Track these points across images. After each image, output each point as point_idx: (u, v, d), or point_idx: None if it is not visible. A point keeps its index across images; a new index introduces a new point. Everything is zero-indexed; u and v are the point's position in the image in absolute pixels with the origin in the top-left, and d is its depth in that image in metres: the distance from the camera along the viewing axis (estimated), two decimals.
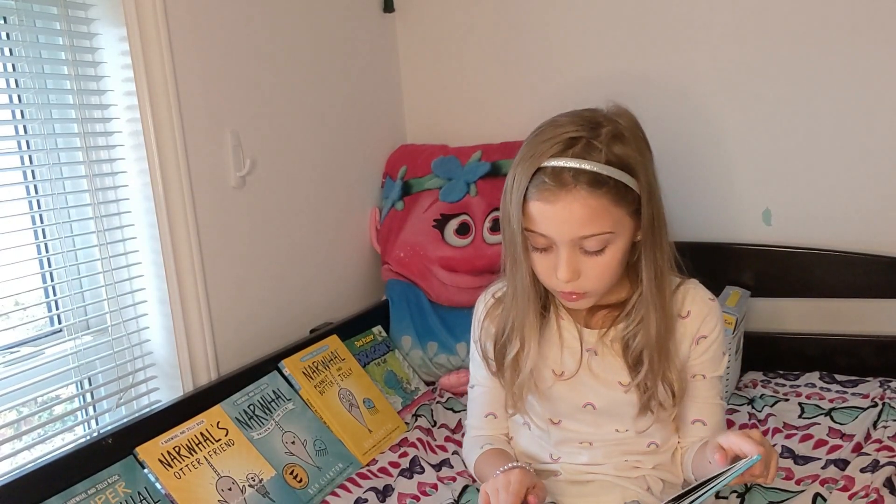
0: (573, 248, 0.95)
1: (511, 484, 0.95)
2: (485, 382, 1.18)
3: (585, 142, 0.93)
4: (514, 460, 1.11)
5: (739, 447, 0.88)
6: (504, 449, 1.16)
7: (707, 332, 1.06)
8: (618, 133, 0.95)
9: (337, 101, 1.85)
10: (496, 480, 0.97)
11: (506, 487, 0.95)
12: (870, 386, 1.56)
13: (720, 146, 1.78)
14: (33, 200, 1.26)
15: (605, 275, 0.97)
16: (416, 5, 2.06)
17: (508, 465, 1.04)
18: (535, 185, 0.94)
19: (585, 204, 0.92)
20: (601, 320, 1.08)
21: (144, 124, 1.33)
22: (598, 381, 1.07)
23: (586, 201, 0.92)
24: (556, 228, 0.94)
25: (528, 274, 1.02)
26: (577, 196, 0.92)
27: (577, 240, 0.94)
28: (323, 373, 1.53)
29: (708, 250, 1.78)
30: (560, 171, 0.92)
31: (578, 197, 0.92)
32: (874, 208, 1.67)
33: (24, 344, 1.25)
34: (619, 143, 0.94)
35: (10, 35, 1.22)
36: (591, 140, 0.93)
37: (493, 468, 1.07)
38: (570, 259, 0.95)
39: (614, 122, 0.96)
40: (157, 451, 1.19)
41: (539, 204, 0.94)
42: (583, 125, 0.95)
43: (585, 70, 1.89)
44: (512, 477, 0.96)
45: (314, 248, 1.78)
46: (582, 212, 0.92)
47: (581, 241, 0.94)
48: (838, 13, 1.63)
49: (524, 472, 0.99)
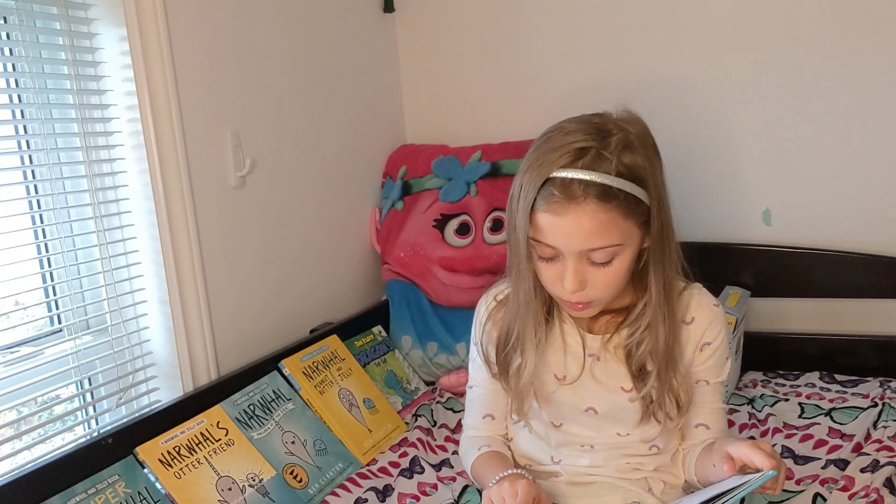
0: (580, 259, 0.94)
1: (519, 495, 0.94)
2: (484, 384, 1.17)
3: (595, 152, 0.91)
4: (512, 465, 1.10)
5: (750, 459, 0.87)
6: (502, 452, 1.15)
7: (711, 338, 1.05)
8: (628, 142, 0.93)
9: (337, 101, 1.85)
10: (501, 489, 0.96)
11: (513, 497, 0.94)
12: (870, 386, 1.56)
13: (720, 146, 1.78)
14: (33, 200, 1.26)
15: (611, 285, 0.96)
16: (416, 5, 2.06)
17: (509, 472, 1.03)
18: (544, 197, 0.92)
19: (594, 217, 0.90)
20: (604, 325, 1.07)
21: (144, 124, 1.33)
22: (601, 385, 1.07)
23: (595, 214, 0.90)
24: (563, 240, 0.93)
25: (532, 282, 1.01)
26: (587, 209, 0.90)
27: (585, 252, 0.93)
28: (323, 373, 1.53)
29: (708, 250, 1.78)
30: (569, 183, 0.91)
31: (587, 210, 0.90)
32: (874, 208, 1.67)
33: (24, 344, 1.25)
34: (629, 153, 0.92)
35: (10, 35, 1.22)
36: (601, 150, 0.91)
37: (491, 472, 1.06)
38: (577, 270, 0.94)
39: (624, 131, 0.94)
40: (157, 451, 1.19)
41: (547, 216, 0.92)
42: (592, 134, 0.93)
43: (586, 70, 1.89)
44: (520, 487, 0.95)
45: (314, 248, 1.78)
46: (591, 225, 0.91)
47: (589, 253, 0.93)
48: (838, 14, 1.63)
49: (531, 483, 0.98)
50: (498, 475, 1.03)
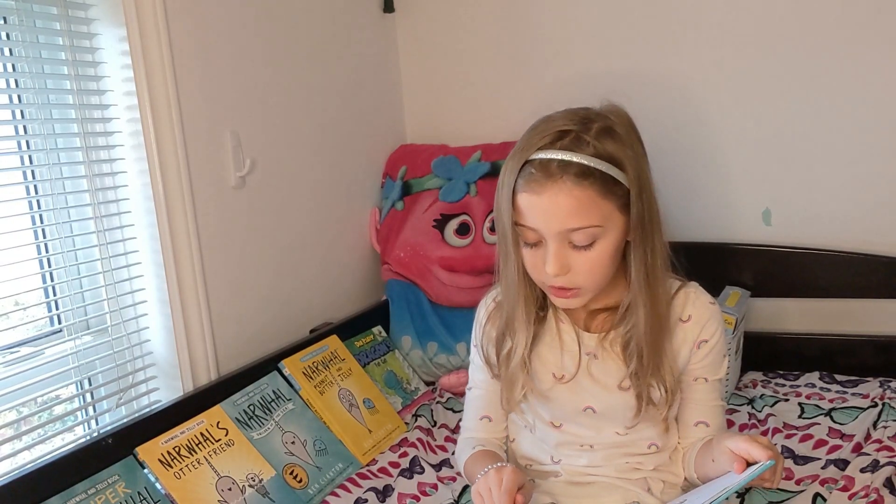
0: (562, 241, 0.95)
1: (504, 482, 0.95)
2: (483, 386, 1.17)
3: (574, 135, 0.94)
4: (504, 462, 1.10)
5: (748, 452, 0.89)
6: (495, 452, 1.15)
7: (708, 336, 1.06)
8: (608, 128, 0.96)
9: (337, 101, 1.85)
10: (488, 478, 0.97)
11: (498, 485, 0.95)
12: (870, 386, 1.56)
13: (720, 146, 1.78)
14: (33, 200, 1.26)
15: (594, 270, 0.97)
16: (416, 5, 2.06)
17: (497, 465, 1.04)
18: (524, 177, 0.95)
19: (571, 195, 0.92)
20: (601, 324, 1.08)
21: (144, 124, 1.33)
22: (598, 384, 1.07)
23: (572, 192, 0.92)
24: (543, 220, 0.94)
25: (517, 268, 1.02)
26: (563, 187, 0.92)
27: (564, 232, 0.94)
28: (323, 373, 1.53)
29: (708, 250, 1.78)
30: (547, 163, 0.93)
31: (564, 188, 0.92)
32: (874, 208, 1.67)
33: (24, 344, 1.25)
34: (609, 138, 0.95)
35: (10, 35, 1.22)
36: (581, 134, 0.94)
37: (480, 467, 1.07)
38: (559, 252, 0.95)
39: (606, 119, 0.97)
40: (157, 451, 1.19)
41: (526, 195, 0.95)
42: (574, 120, 0.96)
43: (586, 70, 1.89)
44: (504, 475, 0.96)
45: (314, 248, 1.78)
46: (568, 203, 0.92)
47: (569, 234, 0.95)
48: (838, 13, 1.63)
49: (516, 470, 0.99)
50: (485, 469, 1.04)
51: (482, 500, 0.97)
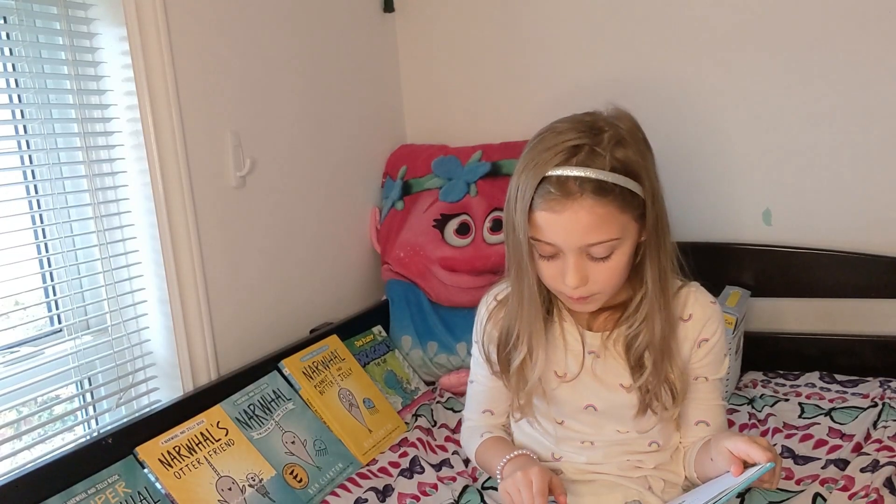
0: (580, 254, 0.95)
1: (535, 483, 0.96)
2: (484, 381, 1.18)
3: (588, 149, 0.93)
4: (515, 448, 1.11)
5: (748, 453, 0.89)
6: (504, 437, 1.18)
7: (709, 335, 1.06)
8: (619, 137, 0.95)
9: (337, 101, 1.85)
10: (515, 479, 0.98)
11: (528, 487, 0.96)
12: (870, 386, 1.56)
13: (720, 146, 1.78)
14: (33, 200, 1.26)
15: (612, 278, 0.98)
16: (416, 5, 2.06)
17: (514, 453, 1.05)
18: (541, 195, 0.94)
19: (592, 212, 0.92)
20: (603, 323, 1.08)
21: (144, 124, 1.33)
22: (600, 383, 1.08)
23: (593, 209, 0.92)
24: (563, 237, 0.94)
25: (535, 282, 1.02)
26: (584, 204, 0.92)
27: (584, 247, 0.95)
28: (323, 373, 1.53)
29: (708, 250, 1.78)
30: (565, 181, 0.93)
31: (585, 205, 0.92)
32: (874, 208, 1.67)
33: (24, 344, 1.25)
34: (622, 148, 0.95)
35: (10, 35, 1.22)
36: (594, 147, 0.94)
37: (497, 456, 1.09)
38: (578, 265, 0.96)
39: (615, 127, 0.97)
40: (157, 450, 1.19)
41: (545, 214, 0.94)
42: (584, 132, 0.95)
43: (586, 70, 1.89)
44: (533, 476, 0.97)
45: (314, 248, 1.78)
46: (588, 220, 0.92)
47: (588, 248, 0.95)
48: (838, 14, 1.63)
49: (542, 469, 1.00)
50: (504, 458, 1.05)
51: (511, 500, 0.98)
